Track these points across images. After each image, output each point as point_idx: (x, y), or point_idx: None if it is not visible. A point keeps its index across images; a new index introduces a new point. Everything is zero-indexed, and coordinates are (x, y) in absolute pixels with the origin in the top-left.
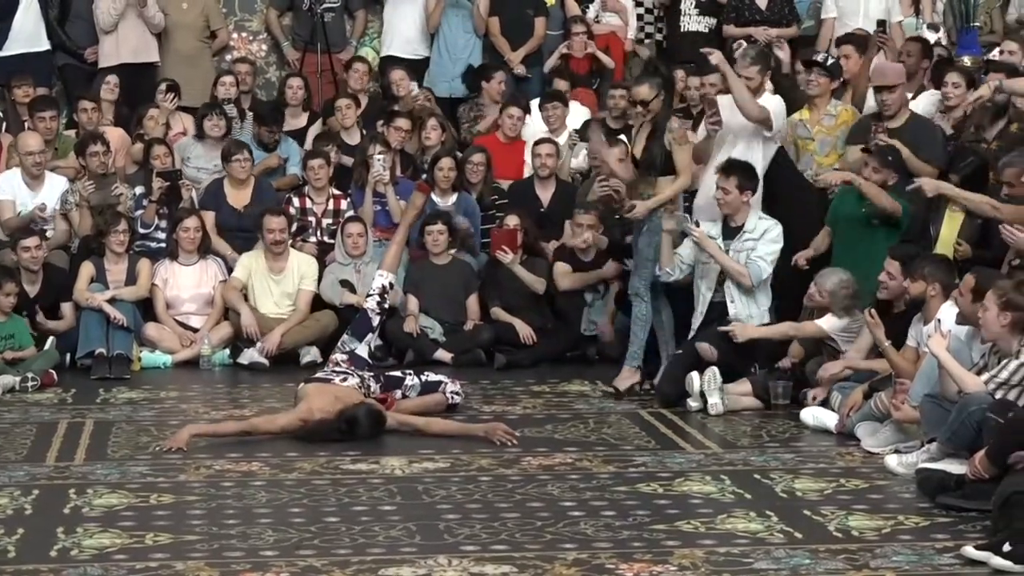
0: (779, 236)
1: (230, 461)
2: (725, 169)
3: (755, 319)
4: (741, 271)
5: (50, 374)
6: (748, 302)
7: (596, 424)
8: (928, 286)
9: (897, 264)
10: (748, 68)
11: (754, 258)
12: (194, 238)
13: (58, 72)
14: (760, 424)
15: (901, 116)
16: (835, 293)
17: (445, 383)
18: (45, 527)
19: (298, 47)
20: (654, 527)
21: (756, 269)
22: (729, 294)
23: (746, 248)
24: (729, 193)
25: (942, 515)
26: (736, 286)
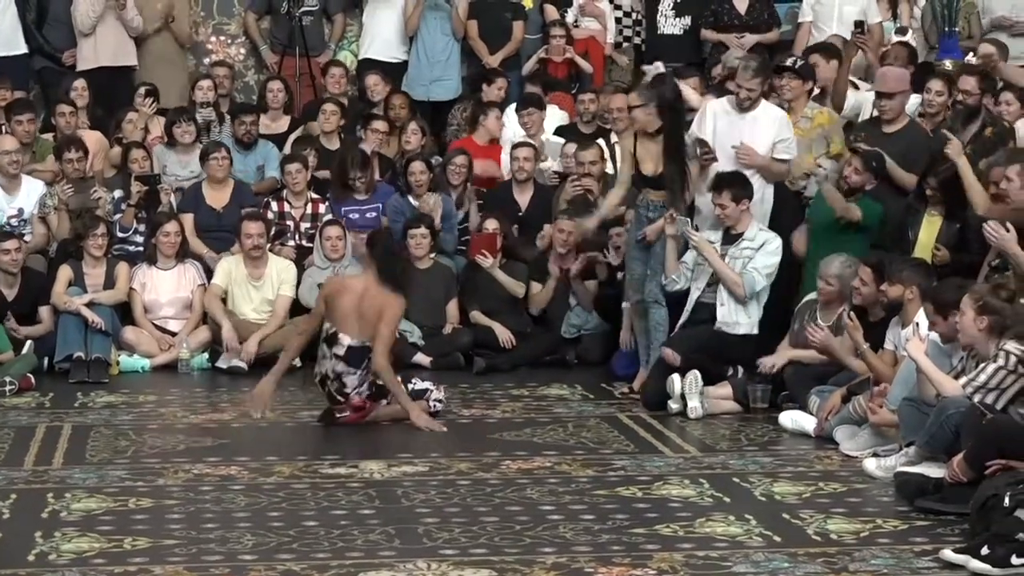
0: (778, 249)
1: (209, 465)
2: (716, 186)
3: (742, 327)
4: (736, 280)
5: (28, 378)
6: (737, 310)
7: (575, 428)
8: (906, 289)
9: (869, 271)
10: (750, 80)
11: (750, 269)
12: (174, 243)
13: (36, 75)
14: (739, 428)
15: (899, 122)
16: (841, 276)
17: (431, 391)
18: (23, 531)
19: (276, 51)
20: (633, 531)
21: (750, 280)
22: (720, 296)
23: (743, 256)
24: (727, 207)
25: (920, 518)
26: (727, 292)
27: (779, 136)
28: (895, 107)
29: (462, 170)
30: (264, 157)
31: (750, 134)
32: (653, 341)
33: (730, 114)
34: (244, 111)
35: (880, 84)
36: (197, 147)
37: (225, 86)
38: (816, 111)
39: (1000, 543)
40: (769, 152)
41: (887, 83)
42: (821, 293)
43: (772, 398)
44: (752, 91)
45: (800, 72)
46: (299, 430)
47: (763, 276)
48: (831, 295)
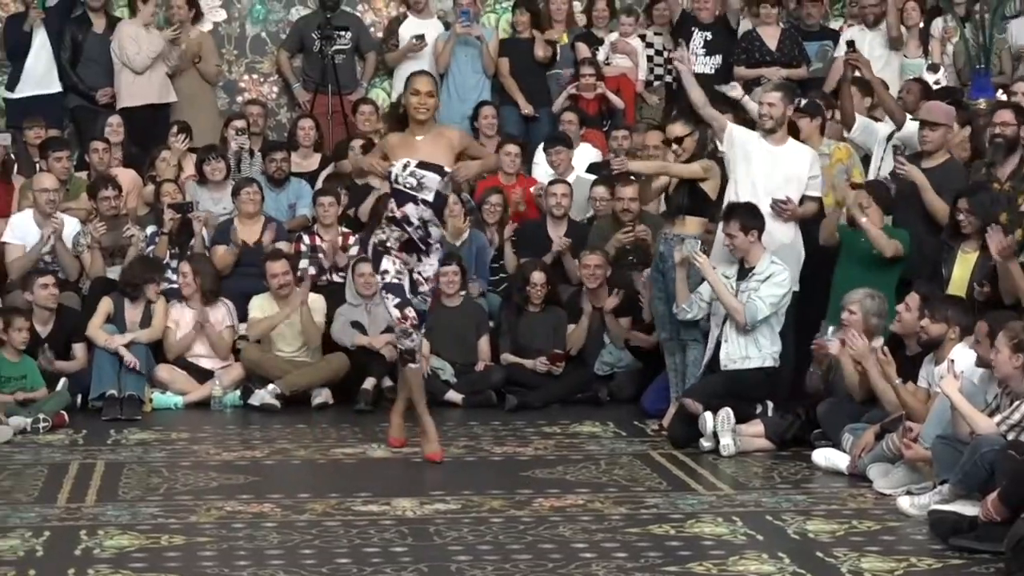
0: (785, 281)
1: (241, 502)
2: (726, 215)
3: (753, 361)
4: (737, 307)
5: (61, 415)
6: (746, 343)
7: (607, 465)
8: (949, 329)
9: (918, 299)
10: (770, 94)
11: (754, 297)
12: (189, 283)
13: (69, 114)
14: (772, 465)
15: (938, 157)
16: (863, 305)
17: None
18: (56, 569)
19: (309, 89)
20: (666, 569)
21: (752, 308)
22: (725, 334)
23: (750, 288)
24: (735, 237)
25: (955, 557)
26: (733, 326)
27: (811, 172)
28: (936, 139)
29: (497, 209)
30: (296, 195)
31: (785, 169)
32: (689, 378)
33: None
34: (275, 148)
35: (926, 114)
36: (228, 184)
37: (258, 124)
38: (833, 147)
39: None
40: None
41: (933, 114)
42: (844, 322)
43: (804, 435)
44: (772, 105)
45: (807, 110)
46: (331, 467)
47: (766, 305)
48: (856, 325)
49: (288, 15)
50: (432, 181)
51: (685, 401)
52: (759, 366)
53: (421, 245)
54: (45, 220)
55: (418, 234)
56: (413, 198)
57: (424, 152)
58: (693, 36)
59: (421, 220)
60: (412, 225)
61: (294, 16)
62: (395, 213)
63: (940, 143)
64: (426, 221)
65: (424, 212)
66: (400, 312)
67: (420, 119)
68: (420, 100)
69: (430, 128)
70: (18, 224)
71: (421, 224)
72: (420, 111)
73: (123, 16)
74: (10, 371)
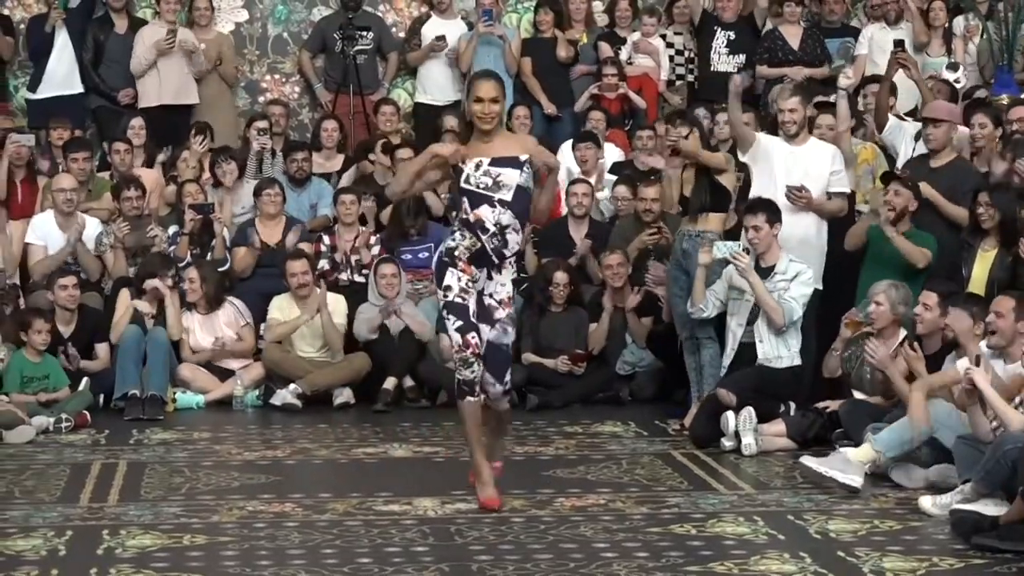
0: (811, 280)
1: (263, 502)
2: (751, 208)
3: (784, 360)
4: (776, 309)
5: (84, 415)
6: (778, 343)
7: (629, 465)
8: (975, 324)
9: (935, 296)
10: (788, 100)
11: (787, 298)
12: (195, 289)
13: (91, 114)
14: (793, 465)
15: (945, 156)
16: (889, 295)
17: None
18: (79, 569)
19: (330, 89)
20: (688, 568)
21: (789, 309)
22: (758, 333)
23: (779, 289)
24: (760, 230)
25: (977, 556)
26: (766, 326)
27: (833, 168)
28: (940, 136)
29: None
30: (317, 195)
31: (805, 167)
32: (707, 377)
33: (784, 148)
34: (296, 148)
35: (929, 112)
36: (242, 184)
37: (280, 125)
38: (860, 147)
39: None
40: (824, 186)
41: (938, 111)
42: (872, 315)
43: (826, 434)
44: (794, 111)
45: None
46: (353, 467)
47: (800, 305)
48: (883, 316)
49: (310, 15)
50: (511, 177)
51: (719, 392)
52: (788, 365)
53: (494, 258)
54: (65, 220)
55: (493, 243)
56: (488, 199)
57: (498, 150)
58: (716, 35)
59: (498, 225)
60: (487, 232)
61: (316, 16)
62: (468, 215)
63: (944, 140)
64: (504, 227)
65: (502, 215)
66: (461, 337)
67: (485, 129)
68: (484, 108)
69: (498, 136)
70: (39, 225)
71: (498, 230)
72: (485, 120)
73: (145, 17)
74: (32, 371)
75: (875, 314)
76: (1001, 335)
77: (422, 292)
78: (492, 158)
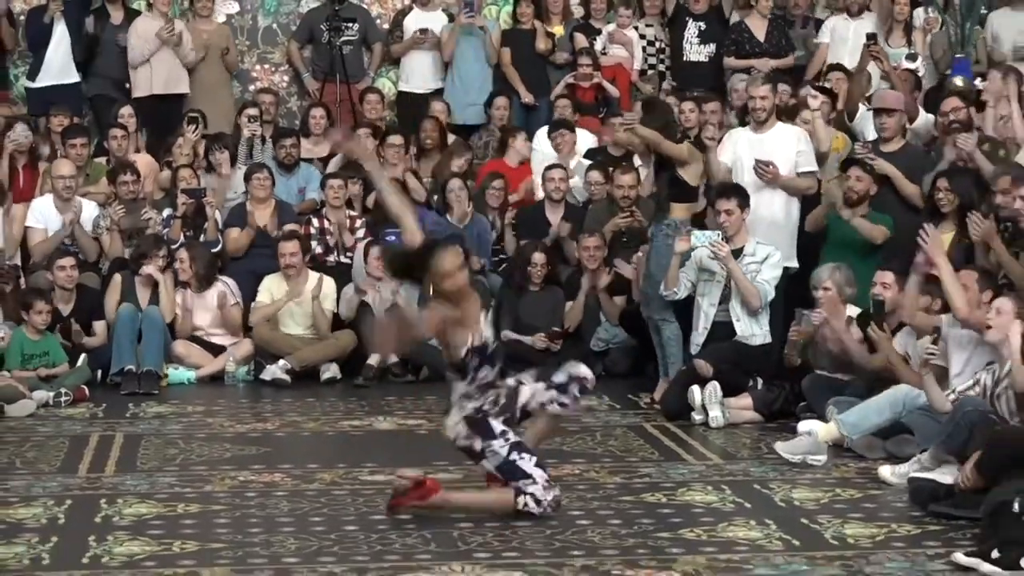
0: (779, 261)
1: (253, 472)
2: (722, 193)
3: (758, 338)
4: (754, 292)
5: (82, 389)
6: (751, 322)
7: (603, 437)
8: (932, 301)
9: (891, 275)
10: (760, 88)
11: (760, 281)
12: (186, 269)
13: (88, 102)
14: (759, 436)
15: (896, 142)
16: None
17: (533, 483)
18: (78, 535)
19: (318, 78)
20: (658, 535)
21: (763, 291)
22: (734, 313)
23: (750, 271)
24: (732, 214)
25: (933, 523)
26: (740, 306)
27: (798, 148)
28: (892, 124)
29: (500, 193)
30: (306, 180)
31: (770, 151)
32: (669, 356)
33: (751, 136)
34: (285, 135)
35: (879, 102)
36: (235, 171)
37: (270, 112)
38: (833, 136)
39: (1010, 547)
40: (792, 167)
41: (887, 101)
42: (820, 300)
43: (790, 407)
44: (764, 98)
45: (831, 91)
46: (339, 439)
47: (772, 288)
48: (831, 300)
49: (298, 7)
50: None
51: (697, 363)
52: (761, 343)
53: (511, 382)
54: (63, 204)
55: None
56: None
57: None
58: (688, 26)
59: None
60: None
61: (304, 8)
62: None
63: (897, 129)
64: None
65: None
66: (543, 471)
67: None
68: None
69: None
70: (39, 208)
71: (499, 372)
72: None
73: (140, 8)
74: (32, 348)
75: (823, 299)
76: (890, 302)
77: None
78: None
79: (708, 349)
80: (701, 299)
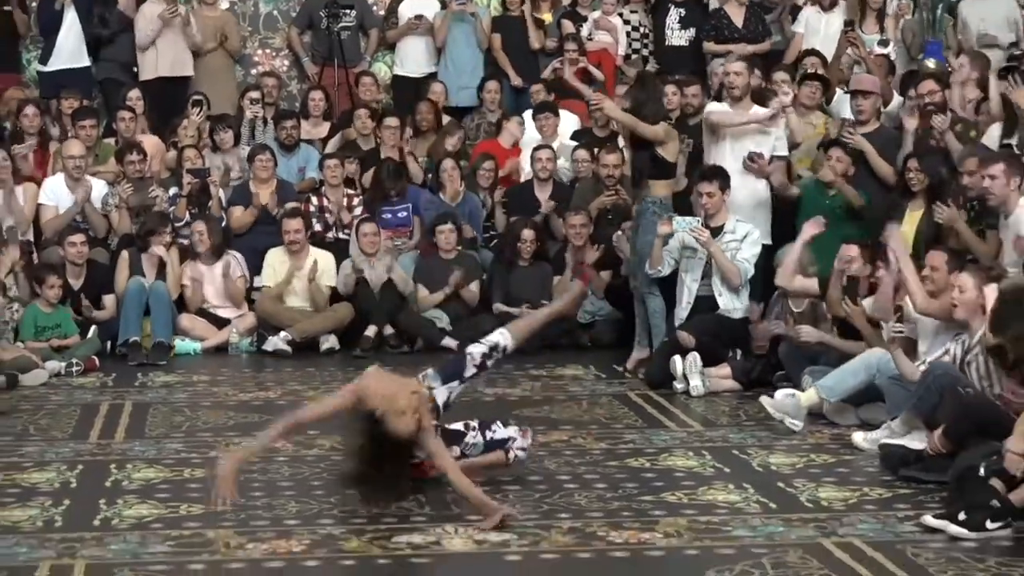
0: (759, 239)
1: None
2: (705, 176)
3: (739, 312)
4: (734, 271)
5: (92, 360)
6: (732, 297)
7: (589, 405)
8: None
9: (856, 248)
10: (735, 64)
11: (740, 259)
12: (203, 241)
13: (98, 86)
14: (738, 405)
15: (872, 124)
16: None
17: (513, 440)
18: (89, 499)
19: (317, 62)
20: (642, 498)
21: (744, 270)
22: (716, 288)
23: (730, 249)
24: (714, 196)
25: (903, 487)
26: (721, 282)
27: (777, 134)
28: (868, 107)
29: (490, 174)
30: (305, 160)
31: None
32: (653, 327)
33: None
34: (285, 117)
35: (856, 85)
36: (238, 150)
37: (273, 95)
38: (819, 120)
39: (976, 510)
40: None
41: (863, 84)
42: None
43: (768, 376)
44: (739, 74)
45: (824, 78)
46: None
47: (751, 265)
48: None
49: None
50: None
51: (680, 334)
52: (742, 316)
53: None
54: (74, 183)
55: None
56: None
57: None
58: (669, 12)
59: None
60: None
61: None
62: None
63: (872, 111)
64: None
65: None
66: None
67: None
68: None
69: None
70: (50, 187)
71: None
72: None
73: None
74: (45, 321)
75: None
76: (935, 285)
77: (401, 248)
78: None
79: (690, 321)
80: (684, 275)
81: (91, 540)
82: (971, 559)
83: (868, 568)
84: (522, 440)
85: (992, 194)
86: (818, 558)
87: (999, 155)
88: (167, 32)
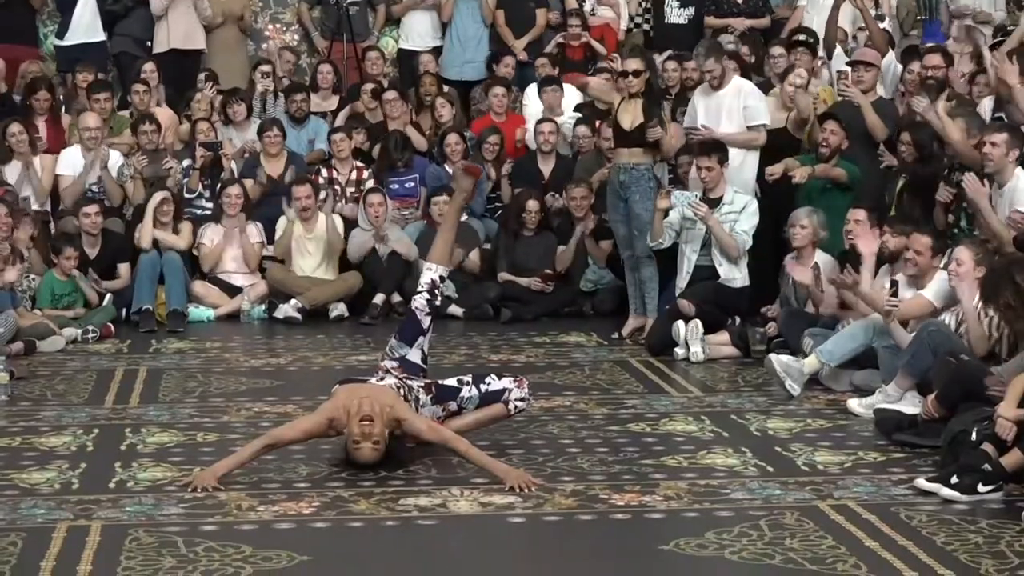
0: (756, 211)
1: (267, 404)
2: (702, 151)
3: (738, 281)
4: (732, 244)
5: (108, 327)
6: (731, 267)
7: (591, 371)
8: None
9: (863, 212)
10: (705, 63)
11: (738, 230)
12: (236, 203)
13: (113, 59)
14: (737, 371)
15: (872, 95)
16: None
17: (509, 391)
18: (104, 462)
19: (326, 37)
20: (642, 462)
21: (742, 241)
22: (716, 259)
23: (728, 220)
24: (713, 170)
25: (897, 451)
26: (721, 253)
27: (744, 104)
28: (869, 79)
29: (495, 147)
30: (315, 132)
31: (716, 108)
32: (646, 293)
33: (707, 96)
34: (295, 90)
35: (860, 56)
36: (251, 122)
37: (285, 69)
38: (821, 89)
39: (968, 473)
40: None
41: (866, 56)
42: (795, 238)
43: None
44: (712, 71)
45: (811, 46)
46: (347, 372)
47: (749, 236)
48: (805, 238)
49: None
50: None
51: (680, 302)
52: (741, 286)
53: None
54: (90, 154)
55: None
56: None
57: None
58: None
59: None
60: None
61: None
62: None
63: (873, 82)
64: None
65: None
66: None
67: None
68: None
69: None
70: (67, 158)
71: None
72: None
73: None
74: (61, 289)
75: (799, 236)
76: (919, 269)
77: (407, 218)
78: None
79: (691, 289)
80: (684, 246)
81: (107, 502)
82: (963, 521)
83: (862, 530)
84: (519, 390)
85: (991, 160)
86: (814, 520)
87: (1003, 125)
88: (179, 3)
